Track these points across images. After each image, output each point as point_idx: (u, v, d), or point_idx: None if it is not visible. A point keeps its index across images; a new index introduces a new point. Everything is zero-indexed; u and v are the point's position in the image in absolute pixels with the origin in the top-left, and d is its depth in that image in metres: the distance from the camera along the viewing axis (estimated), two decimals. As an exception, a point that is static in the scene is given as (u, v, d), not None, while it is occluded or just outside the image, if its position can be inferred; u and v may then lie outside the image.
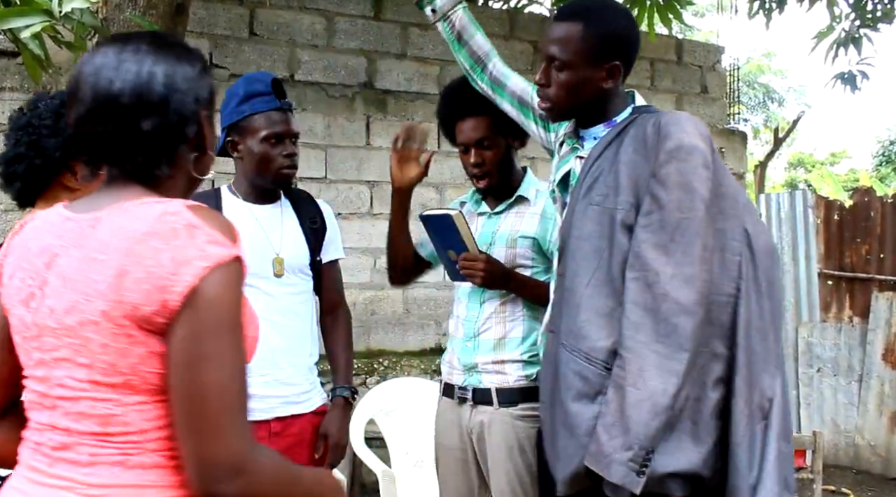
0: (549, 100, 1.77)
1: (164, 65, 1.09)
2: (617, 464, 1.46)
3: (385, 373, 4.59)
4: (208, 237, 1.00)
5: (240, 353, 1.02)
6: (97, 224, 1.05)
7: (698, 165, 1.54)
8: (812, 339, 5.73)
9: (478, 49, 2.13)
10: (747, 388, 1.54)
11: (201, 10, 4.40)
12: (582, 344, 1.57)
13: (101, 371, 1.01)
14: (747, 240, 1.59)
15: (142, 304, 0.98)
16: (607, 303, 1.57)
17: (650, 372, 1.47)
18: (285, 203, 2.21)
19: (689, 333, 1.48)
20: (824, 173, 16.13)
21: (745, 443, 1.52)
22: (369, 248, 4.79)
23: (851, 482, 5.29)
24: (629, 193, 1.58)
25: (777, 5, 5.28)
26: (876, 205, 5.77)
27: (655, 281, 1.50)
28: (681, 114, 1.66)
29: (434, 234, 2.12)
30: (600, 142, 1.72)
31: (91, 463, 1.01)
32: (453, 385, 2.23)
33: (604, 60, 1.71)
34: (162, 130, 1.07)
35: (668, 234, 1.51)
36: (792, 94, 18.65)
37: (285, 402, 2.08)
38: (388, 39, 4.94)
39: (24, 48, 2.17)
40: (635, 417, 1.46)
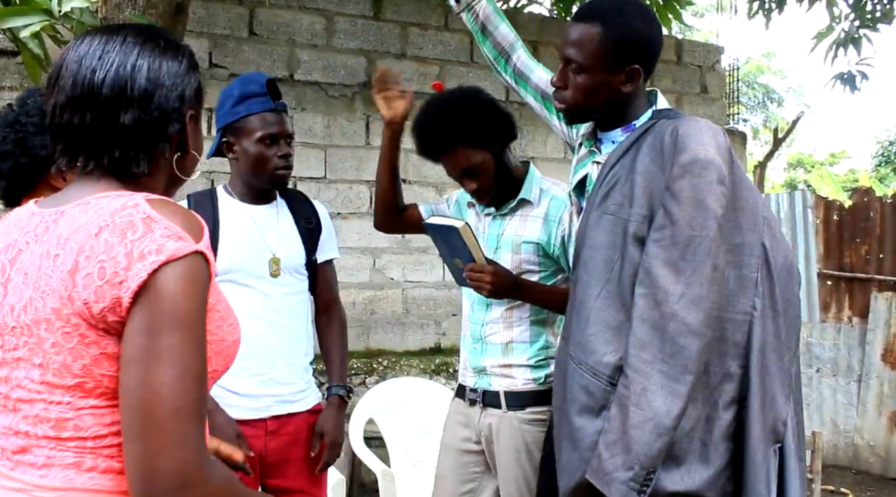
0: (566, 102, 1.74)
1: (150, 58, 1.05)
2: (617, 482, 1.44)
3: (384, 373, 4.59)
4: (166, 231, 0.96)
5: (196, 356, 0.95)
6: (59, 218, 1.01)
7: (713, 181, 1.49)
8: (811, 340, 5.73)
9: (502, 40, 2.13)
10: (762, 409, 1.50)
11: (201, 9, 4.40)
12: (589, 358, 1.54)
13: (54, 372, 0.97)
14: (765, 256, 1.54)
15: (94, 301, 0.94)
16: (616, 316, 1.54)
17: (654, 393, 1.44)
18: (281, 203, 2.21)
19: (695, 355, 1.45)
20: (824, 174, 16.13)
21: (762, 469, 1.49)
22: (368, 248, 4.79)
23: (851, 482, 5.29)
24: (642, 205, 1.54)
25: (776, 5, 5.28)
26: (875, 205, 5.77)
27: (664, 300, 1.46)
28: (701, 122, 1.60)
29: (440, 241, 2.10)
30: (618, 148, 1.67)
31: (46, 465, 0.97)
32: (465, 386, 2.23)
33: (623, 64, 1.67)
34: (142, 125, 1.04)
35: (678, 252, 1.47)
36: (791, 95, 18.67)
37: (281, 400, 2.09)
38: (387, 39, 4.94)
39: (24, 47, 2.17)
40: (637, 437, 1.44)
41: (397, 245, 4.85)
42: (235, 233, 2.10)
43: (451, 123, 2.07)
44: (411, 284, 4.91)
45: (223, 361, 1.07)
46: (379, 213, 2.38)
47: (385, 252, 4.85)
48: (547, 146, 5.32)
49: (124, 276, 0.93)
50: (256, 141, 2.07)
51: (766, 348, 1.51)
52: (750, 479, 1.48)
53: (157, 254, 0.93)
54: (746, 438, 1.49)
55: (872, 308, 5.57)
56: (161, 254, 0.93)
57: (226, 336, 1.06)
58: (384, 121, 2.22)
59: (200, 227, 1.00)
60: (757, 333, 1.50)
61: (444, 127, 2.08)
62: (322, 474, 2.19)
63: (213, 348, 1.03)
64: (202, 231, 1.00)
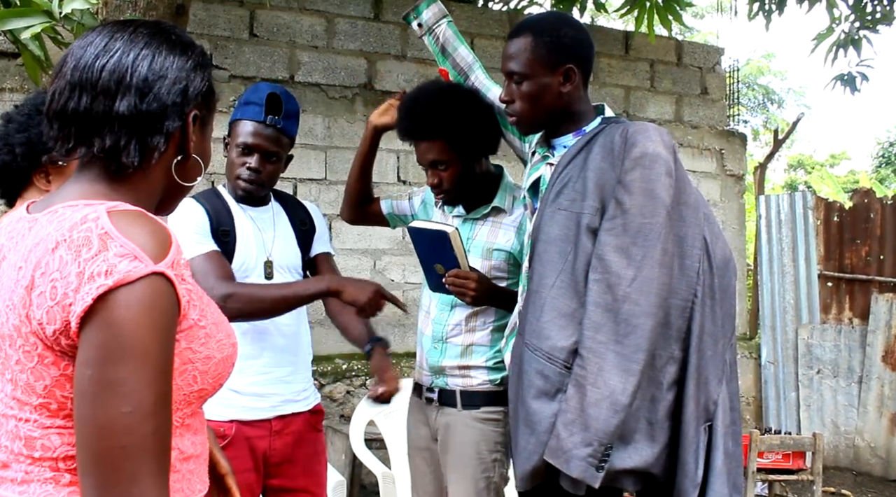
0: (516, 114, 1.85)
1: (156, 50, 1.01)
2: (576, 459, 1.53)
3: (385, 374, 4.58)
4: (120, 250, 0.87)
5: (151, 388, 0.87)
6: (33, 227, 0.96)
7: (661, 173, 1.61)
8: (812, 341, 5.73)
9: (461, 61, 2.25)
10: (697, 390, 1.61)
11: (201, 11, 4.40)
12: (544, 343, 1.63)
13: (21, 389, 0.92)
14: (706, 248, 1.65)
15: (46, 322, 0.88)
16: (570, 303, 1.63)
17: (610, 371, 1.54)
18: (276, 206, 2.22)
19: (648, 334, 1.55)
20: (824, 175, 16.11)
21: (693, 444, 1.59)
22: (369, 250, 4.79)
23: (851, 484, 5.28)
24: (595, 198, 1.65)
25: (777, 7, 5.28)
26: (875, 206, 5.78)
27: (617, 283, 1.56)
28: (648, 124, 1.73)
29: (421, 246, 2.09)
30: (570, 150, 1.78)
31: (24, 481, 0.93)
32: (422, 385, 2.25)
33: (557, 65, 1.79)
34: (137, 115, 0.98)
35: (630, 238, 1.58)
36: (792, 96, 18.66)
37: (286, 400, 2.10)
38: (387, 41, 4.94)
39: (24, 49, 2.17)
40: (595, 415, 1.53)
41: (397, 247, 4.85)
42: (242, 233, 2.11)
43: (438, 114, 2.07)
44: (411, 286, 4.91)
45: (211, 380, 1.01)
46: (350, 204, 2.43)
47: (385, 254, 4.85)
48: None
49: (73, 299, 0.86)
50: (234, 146, 2.10)
51: (704, 334, 1.63)
52: (682, 453, 1.60)
53: (106, 276, 0.86)
54: (682, 417, 1.60)
55: (873, 309, 5.56)
56: (110, 276, 0.86)
57: (213, 353, 1.00)
58: (374, 122, 2.29)
59: (166, 244, 0.91)
60: (697, 319, 1.62)
61: (430, 115, 2.08)
62: (324, 476, 2.20)
63: (197, 367, 0.98)
64: (167, 248, 0.91)
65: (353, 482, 3.92)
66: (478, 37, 5.23)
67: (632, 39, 5.73)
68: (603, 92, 5.62)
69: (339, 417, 4.38)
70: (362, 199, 2.41)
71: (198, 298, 0.98)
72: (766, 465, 4.01)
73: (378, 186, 4.86)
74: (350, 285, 2.01)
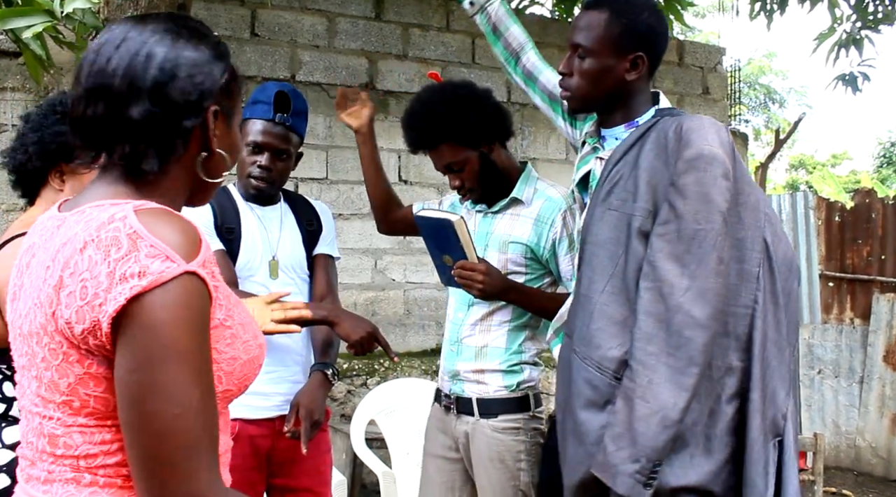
0: (570, 89, 1.76)
1: (167, 47, 0.98)
2: (623, 475, 1.44)
3: (386, 374, 4.59)
4: (151, 250, 0.87)
5: (196, 386, 0.88)
6: (61, 226, 0.95)
7: (717, 176, 1.50)
8: (813, 341, 5.72)
9: (513, 41, 2.13)
10: (762, 403, 1.51)
11: (202, 10, 4.40)
12: (594, 352, 1.55)
13: (46, 387, 0.93)
14: (766, 251, 1.55)
15: (75, 322, 0.88)
16: (621, 311, 1.54)
17: (660, 385, 1.45)
18: (284, 206, 2.22)
19: (701, 347, 1.45)
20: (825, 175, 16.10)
21: (760, 461, 1.49)
22: (370, 249, 4.79)
23: (852, 484, 5.28)
24: (646, 200, 1.55)
25: (778, 6, 5.27)
26: (877, 206, 5.77)
27: (669, 293, 1.47)
28: (704, 119, 1.61)
29: (430, 236, 2.05)
30: (621, 144, 1.68)
31: (48, 480, 0.94)
32: (441, 392, 2.23)
33: (627, 50, 1.71)
34: (151, 119, 0.95)
35: (683, 245, 1.48)
36: (793, 96, 18.64)
37: (289, 399, 2.09)
38: (389, 40, 4.94)
39: (26, 48, 2.17)
40: (643, 430, 1.44)
41: (399, 246, 4.85)
42: (248, 232, 2.11)
43: (435, 120, 2.06)
44: (413, 285, 4.91)
45: (237, 381, 1.01)
46: (378, 214, 2.40)
47: (386, 253, 4.85)
48: (549, 147, 5.32)
49: (104, 299, 0.86)
50: (244, 145, 2.09)
51: (768, 342, 1.52)
52: (749, 471, 1.49)
53: (139, 277, 0.85)
54: (747, 432, 1.49)
55: (874, 309, 5.56)
56: (144, 277, 0.85)
57: (239, 354, 0.99)
58: (354, 126, 2.29)
59: (196, 242, 0.91)
60: (759, 327, 1.52)
61: (428, 123, 2.07)
62: (328, 475, 2.19)
63: (222, 368, 0.97)
64: (198, 247, 0.91)
65: (353, 481, 3.92)
66: (480, 37, 5.23)
67: (633, 39, 5.71)
68: (604, 92, 5.61)
69: (339, 417, 4.38)
70: (388, 204, 2.37)
71: (224, 298, 0.97)
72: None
73: (379, 186, 4.88)
74: (347, 320, 1.99)
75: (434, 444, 2.23)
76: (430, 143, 2.10)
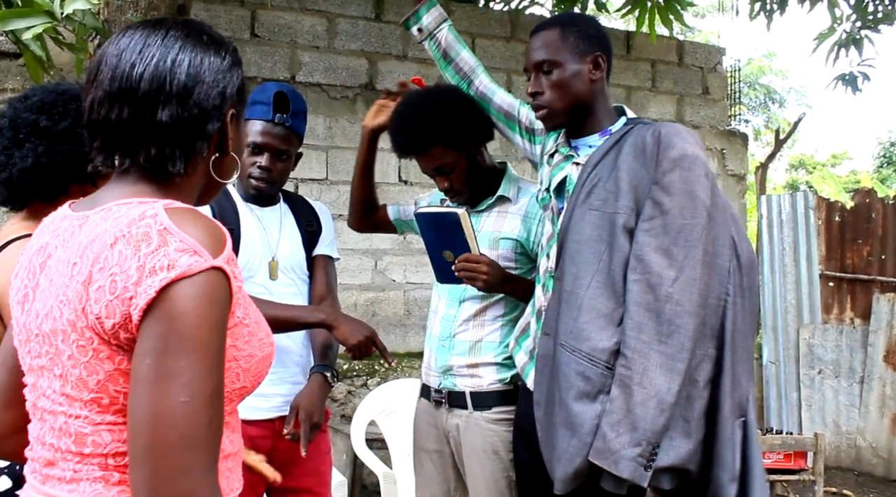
0: (545, 105, 1.86)
1: (192, 53, 1.00)
2: (625, 460, 1.53)
3: (386, 374, 4.59)
4: (181, 245, 0.89)
5: (209, 379, 0.88)
6: (84, 224, 0.97)
7: (701, 174, 1.64)
8: (813, 341, 5.72)
9: (464, 65, 2.21)
10: (731, 386, 1.63)
11: (202, 11, 4.40)
12: (584, 344, 1.63)
13: (72, 385, 0.93)
14: (734, 248, 1.68)
15: (105, 316, 0.89)
16: (608, 304, 1.64)
17: (654, 371, 1.55)
18: (284, 206, 2.22)
19: (691, 334, 1.56)
20: (825, 175, 16.09)
21: (729, 439, 1.61)
22: (370, 250, 4.79)
23: (853, 484, 5.28)
24: (629, 198, 1.66)
25: (778, 6, 5.28)
26: (877, 206, 5.77)
27: (658, 283, 1.57)
28: (677, 125, 1.76)
29: (430, 232, 2.07)
30: (598, 149, 1.79)
31: (74, 479, 0.94)
32: (430, 387, 2.23)
33: (587, 52, 1.84)
34: (180, 123, 0.98)
35: (670, 238, 1.59)
36: (793, 96, 18.63)
37: (289, 400, 2.09)
38: (389, 41, 4.94)
39: (26, 49, 2.17)
40: (642, 414, 1.54)
41: (399, 247, 4.85)
42: (247, 233, 2.11)
43: (426, 124, 2.07)
44: (413, 286, 4.91)
45: (252, 378, 1.02)
46: (355, 211, 2.42)
47: (387, 254, 4.85)
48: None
49: (133, 292, 0.87)
50: (244, 146, 2.09)
51: (736, 332, 1.65)
52: (720, 449, 1.61)
53: (168, 269, 0.87)
54: (719, 413, 1.62)
55: (874, 309, 5.56)
56: (173, 270, 0.87)
57: (255, 352, 1.01)
58: (368, 125, 2.28)
59: (222, 240, 0.93)
60: (730, 317, 1.64)
61: (419, 127, 2.08)
62: (328, 475, 2.19)
63: (240, 365, 0.99)
64: (223, 244, 0.93)
65: (354, 482, 3.92)
66: (479, 37, 5.23)
67: (633, 39, 5.72)
68: (604, 92, 5.62)
69: (340, 417, 4.38)
70: (368, 205, 2.40)
71: (242, 297, 0.99)
72: (768, 465, 4.00)
73: (379, 187, 4.86)
74: (345, 324, 2.00)
75: (426, 439, 2.25)
76: (421, 147, 2.12)
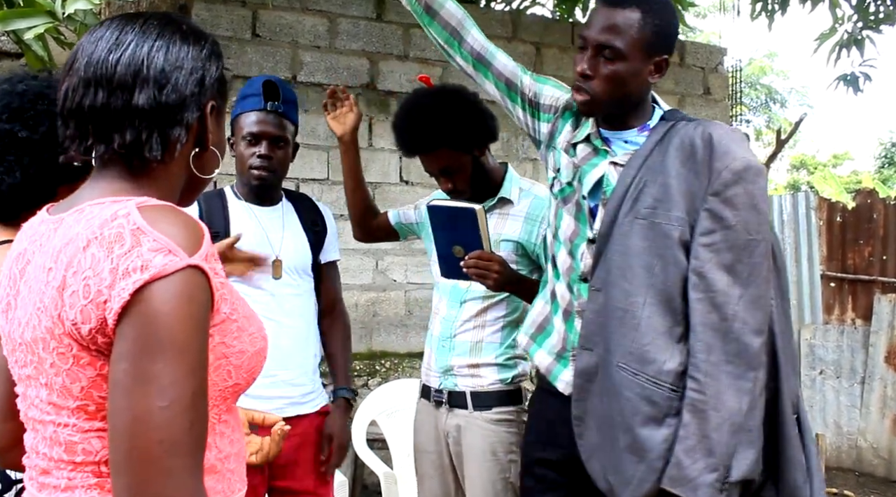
0: (591, 92, 1.66)
1: (170, 41, 0.98)
2: (704, 486, 1.48)
3: (387, 374, 4.59)
4: (154, 244, 0.86)
5: (188, 382, 0.85)
6: (59, 227, 0.94)
7: (764, 187, 1.55)
8: (814, 341, 5.72)
9: (450, 19, 1.89)
10: (787, 389, 1.59)
11: (204, 11, 4.40)
12: (647, 368, 1.55)
13: (57, 393, 0.91)
14: (772, 249, 1.61)
15: (81, 322, 0.86)
16: (665, 322, 1.55)
17: (726, 393, 1.49)
18: (287, 205, 2.22)
19: (758, 351, 1.51)
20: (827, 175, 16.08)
21: (794, 438, 1.57)
22: (371, 250, 4.79)
23: (854, 485, 5.27)
24: (681, 209, 1.55)
25: (779, 7, 5.27)
26: (878, 207, 5.77)
27: (724, 302, 1.50)
28: (725, 126, 1.62)
29: (441, 226, 1.99)
30: (641, 150, 1.64)
31: (69, 487, 0.92)
32: (430, 387, 2.23)
33: (655, 53, 1.65)
34: (157, 108, 0.96)
35: (734, 255, 1.52)
36: (794, 96, 18.64)
37: (291, 403, 2.09)
38: (390, 41, 4.94)
39: (27, 49, 2.17)
40: (718, 439, 1.48)
41: (400, 247, 4.85)
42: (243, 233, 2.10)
43: (432, 125, 2.07)
44: (414, 286, 4.91)
45: (245, 374, 1.00)
46: (355, 221, 2.40)
47: (388, 254, 4.85)
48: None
49: (108, 295, 0.84)
50: (241, 139, 2.10)
51: (781, 333, 1.60)
52: (789, 451, 1.56)
53: (142, 271, 0.84)
54: (780, 415, 1.57)
55: (876, 310, 5.55)
56: (146, 271, 0.84)
57: (246, 347, 0.99)
58: (338, 133, 2.26)
59: (199, 238, 0.90)
60: (776, 320, 1.59)
61: (425, 128, 2.08)
62: (329, 475, 2.20)
63: (231, 362, 0.97)
64: (201, 242, 0.90)
65: (355, 482, 3.91)
66: (480, 37, 5.23)
67: (634, 39, 5.71)
68: (605, 92, 5.61)
69: (341, 417, 4.38)
70: (367, 212, 2.38)
71: (229, 292, 0.97)
72: (769, 465, 4.00)
73: (381, 187, 4.87)
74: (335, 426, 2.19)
75: (426, 439, 2.25)
76: (427, 147, 2.11)
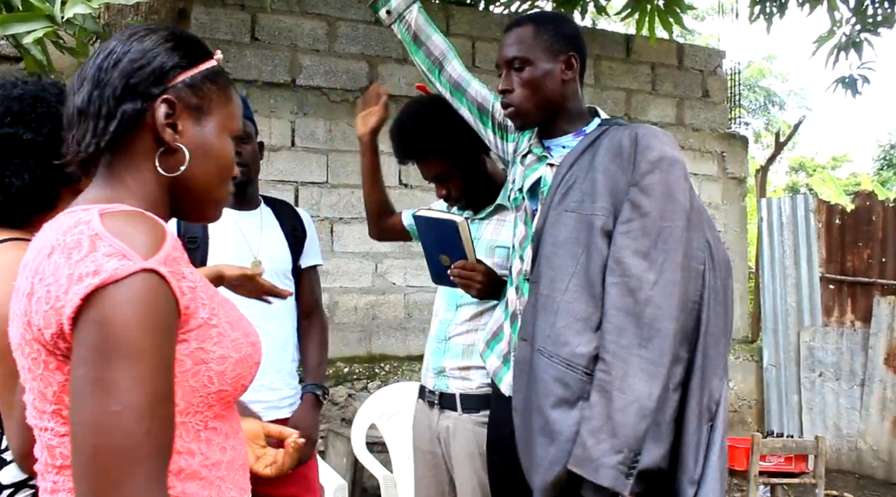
0: (514, 103, 1.80)
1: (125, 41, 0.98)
2: (606, 467, 1.49)
3: (386, 377, 4.59)
4: (109, 249, 0.85)
5: (145, 387, 0.84)
6: (38, 236, 0.96)
7: (680, 177, 1.61)
8: (814, 344, 5.72)
9: (434, 49, 2.08)
10: (699, 390, 1.60)
11: (203, 15, 4.41)
12: (561, 349, 1.59)
13: (38, 398, 0.92)
14: (709, 251, 1.65)
15: (44, 327, 0.87)
16: (586, 308, 1.60)
17: (635, 376, 1.51)
18: (266, 210, 2.23)
19: (671, 338, 1.53)
20: (825, 177, 16.09)
21: (693, 442, 1.58)
22: (370, 253, 4.79)
23: (854, 487, 5.27)
24: (606, 200, 1.63)
25: (778, 9, 5.28)
26: (877, 209, 5.77)
27: (638, 287, 1.54)
28: (655, 127, 1.73)
29: (428, 235, 2.07)
30: (573, 150, 1.75)
31: (54, 490, 0.93)
32: (425, 388, 2.26)
33: (559, 51, 1.79)
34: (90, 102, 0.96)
35: (650, 241, 1.56)
36: (793, 98, 18.66)
37: (269, 407, 2.08)
38: (389, 44, 4.94)
39: (27, 54, 2.17)
40: (622, 421, 1.50)
41: (399, 250, 4.85)
42: (221, 239, 2.10)
43: (421, 134, 2.11)
44: (413, 289, 4.91)
45: (230, 381, 0.98)
46: (372, 221, 2.45)
47: (387, 257, 4.85)
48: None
49: (63, 301, 0.85)
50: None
51: (708, 334, 1.61)
52: (683, 452, 1.58)
53: (93, 275, 0.84)
54: (686, 416, 1.58)
55: (875, 312, 5.56)
56: (97, 276, 0.84)
57: (228, 353, 0.97)
58: (361, 131, 2.29)
59: (159, 242, 0.89)
60: (703, 320, 1.61)
61: (414, 136, 2.12)
62: (315, 481, 2.19)
63: (211, 368, 0.95)
64: (160, 245, 0.88)
65: (354, 485, 3.91)
66: (479, 40, 5.23)
67: (633, 42, 5.73)
68: (604, 95, 5.62)
69: (340, 421, 4.38)
70: (383, 210, 2.42)
71: (207, 297, 0.95)
72: (769, 468, 4.00)
73: (379, 190, 4.89)
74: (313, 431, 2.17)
75: (422, 439, 2.27)
76: (415, 155, 2.16)
